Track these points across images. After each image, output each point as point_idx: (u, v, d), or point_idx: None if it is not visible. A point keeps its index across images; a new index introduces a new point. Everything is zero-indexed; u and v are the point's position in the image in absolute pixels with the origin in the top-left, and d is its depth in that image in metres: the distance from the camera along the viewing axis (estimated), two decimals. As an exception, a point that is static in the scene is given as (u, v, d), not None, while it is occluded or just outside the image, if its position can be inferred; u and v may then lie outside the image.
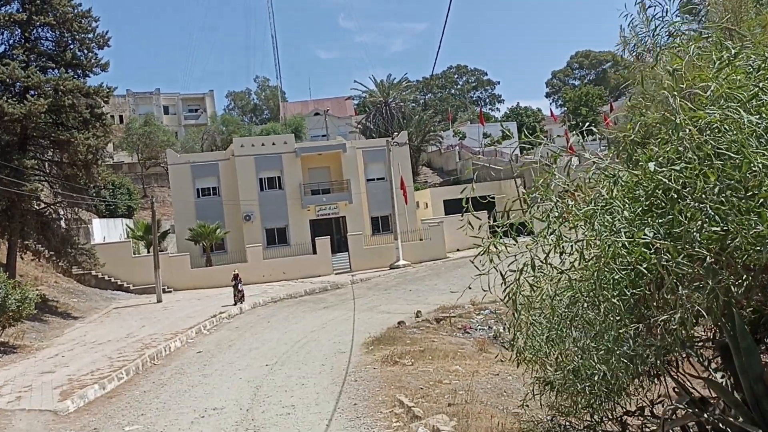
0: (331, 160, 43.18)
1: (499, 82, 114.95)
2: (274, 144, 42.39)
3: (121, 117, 70.75)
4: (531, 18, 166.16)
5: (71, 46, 27.48)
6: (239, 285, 27.80)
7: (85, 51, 27.89)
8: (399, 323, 20.52)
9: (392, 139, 41.65)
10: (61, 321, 25.89)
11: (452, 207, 48.48)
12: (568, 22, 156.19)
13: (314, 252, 38.72)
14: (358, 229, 40.75)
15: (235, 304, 27.37)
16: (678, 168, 4.09)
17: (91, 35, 27.68)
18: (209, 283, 35.25)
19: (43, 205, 28.38)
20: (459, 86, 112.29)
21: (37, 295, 22.00)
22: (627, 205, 4.41)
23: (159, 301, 30.90)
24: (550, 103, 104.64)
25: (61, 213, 30.19)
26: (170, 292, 34.13)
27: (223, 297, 31.06)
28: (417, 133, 62.25)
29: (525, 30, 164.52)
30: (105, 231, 40.29)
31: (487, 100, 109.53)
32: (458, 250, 41.68)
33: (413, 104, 77.50)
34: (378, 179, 43.35)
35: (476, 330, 20.58)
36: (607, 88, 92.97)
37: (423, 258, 38.66)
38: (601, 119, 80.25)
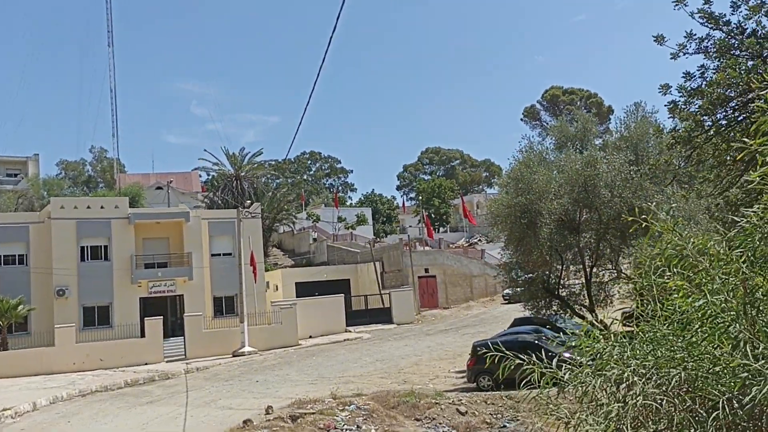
0: (172, 230, 37.80)
1: (352, 171, 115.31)
2: (102, 207, 36.29)
3: None
4: (384, 112, 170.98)
5: None
6: None
7: None
8: (245, 422, 15.99)
9: (244, 208, 37.35)
10: None
11: (305, 290, 44.73)
12: (420, 118, 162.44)
13: (143, 335, 32.65)
14: (198, 309, 35.28)
15: None
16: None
17: None
18: (3, 372, 28.33)
19: None
20: (312, 172, 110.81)
21: None
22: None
23: None
24: (402, 195, 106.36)
25: None
26: (-57, 382, 26.59)
27: (14, 390, 24.50)
28: (269, 211, 58.25)
29: (378, 123, 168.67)
30: None
31: (341, 188, 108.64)
32: (311, 336, 37.57)
33: (266, 183, 73.59)
34: (224, 254, 38.49)
35: (342, 430, 16.73)
36: (457, 183, 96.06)
37: (272, 344, 33.90)
38: (452, 210, 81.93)
